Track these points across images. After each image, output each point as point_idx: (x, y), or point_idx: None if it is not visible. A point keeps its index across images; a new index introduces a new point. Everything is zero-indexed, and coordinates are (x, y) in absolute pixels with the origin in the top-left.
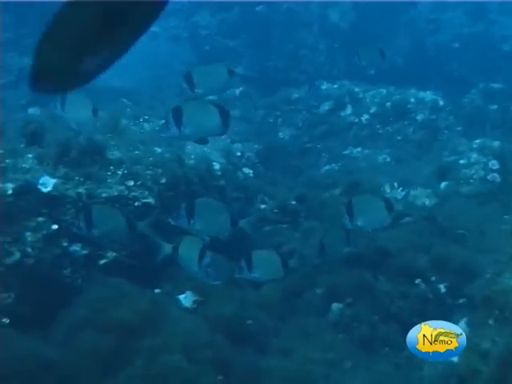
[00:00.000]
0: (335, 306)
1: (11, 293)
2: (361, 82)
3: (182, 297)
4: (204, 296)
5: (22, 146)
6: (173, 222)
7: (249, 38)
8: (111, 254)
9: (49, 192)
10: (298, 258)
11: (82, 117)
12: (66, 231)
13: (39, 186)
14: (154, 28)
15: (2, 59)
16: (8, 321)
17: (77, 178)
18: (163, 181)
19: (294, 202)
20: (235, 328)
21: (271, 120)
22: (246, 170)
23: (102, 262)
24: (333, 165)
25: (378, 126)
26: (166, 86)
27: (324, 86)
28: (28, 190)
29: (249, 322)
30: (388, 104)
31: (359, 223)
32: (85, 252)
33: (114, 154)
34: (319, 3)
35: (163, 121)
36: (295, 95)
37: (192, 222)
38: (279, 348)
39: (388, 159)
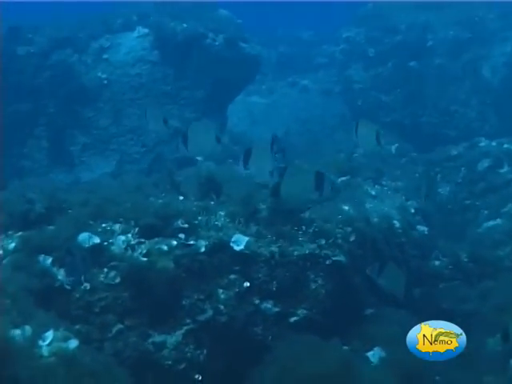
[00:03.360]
0: None
1: (203, 349)
2: None
3: (370, 354)
4: (393, 352)
5: (212, 203)
6: None
7: (402, 92)
8: (302, 312)
9: (241, 250)
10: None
11: (207, 146)
12: (257, 289)
13: (232, 244)
14: (304, 81)
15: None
16: (200, 377)
17: (269, 236)
18: (352, 239)
19: (466, 260)
20: None
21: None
22: (421, 228)
23: (293, 319)
24: (494, 222)
25: None
26: (320, 141)
27: (482, 144)
28: (221, 247)
29: (437, 378)
30: None
31: None
32: (276, 309)
33: (305, 213)
34: (471, 59)
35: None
36: (454, 152)
37: None
38: None
39: None
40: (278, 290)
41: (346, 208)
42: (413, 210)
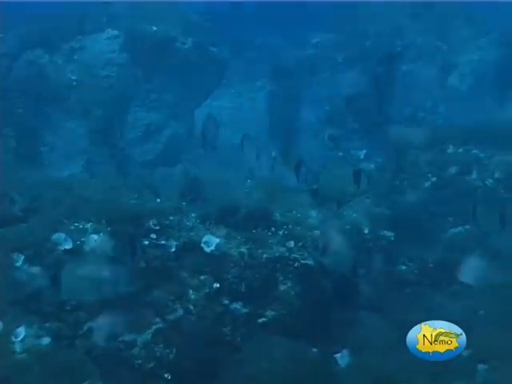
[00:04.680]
0: (481, 367)
1: (173, 348)
2: (485, 145)
3: (338, 356)
4: (360, 355)
5: (184, 203)
6: None
7: (370, 98)
8: (270, 313)
9: (211, 251)
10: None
11: None
12: (227, 289)
13: (202, 245)
14: (271, 86)
15: (129, 114)
16: (169, 376)
17: (239, 237)
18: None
19: (432, 265)
20: None
21: (397, 182)
22: (387, 233)
23: (262, 320)
24: (460, 228)
25: (503, 191)
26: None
27: (450, 150)
28: (191, 248)
29: None
30: None
31: None
32: (245, 310)
33: (275, 216)
34: (440, 67)
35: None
36: (422, 158)
37: None
38: None
39: None
40: (247, 291)
41: (315, 213)
42: (380, 216)
